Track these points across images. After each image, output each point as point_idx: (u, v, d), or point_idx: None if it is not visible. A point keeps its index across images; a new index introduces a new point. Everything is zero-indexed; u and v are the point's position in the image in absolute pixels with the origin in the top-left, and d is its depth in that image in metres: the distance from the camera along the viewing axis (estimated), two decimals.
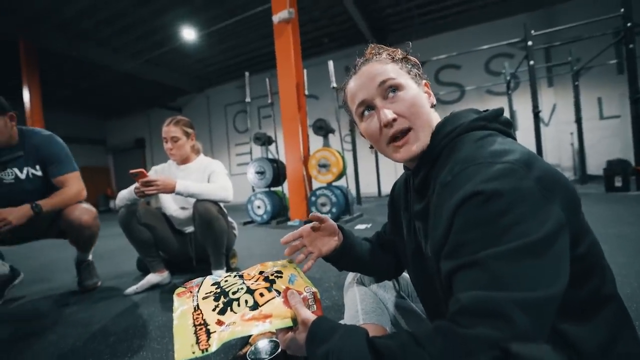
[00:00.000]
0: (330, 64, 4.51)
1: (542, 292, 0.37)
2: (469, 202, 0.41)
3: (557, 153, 7.05)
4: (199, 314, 0.58)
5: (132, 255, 2.29)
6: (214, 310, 0.58)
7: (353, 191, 5.52)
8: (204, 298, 0.62)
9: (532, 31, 4.55)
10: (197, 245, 1.87)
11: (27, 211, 1.46)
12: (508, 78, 6.24)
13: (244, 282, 0.64)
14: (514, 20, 6.95)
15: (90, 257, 1.87)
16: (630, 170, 4.25)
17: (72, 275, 1.89)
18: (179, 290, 0.67)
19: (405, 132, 0.55)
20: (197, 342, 0.52)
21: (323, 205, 4.12)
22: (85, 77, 9.04)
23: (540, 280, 0.37)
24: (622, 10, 4.07)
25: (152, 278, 1.73)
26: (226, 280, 0.67)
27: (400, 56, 0.61)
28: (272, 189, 4.84)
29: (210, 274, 1.70)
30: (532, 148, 4.24)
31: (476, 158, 0.44)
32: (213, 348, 0.51)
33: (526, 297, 0.36)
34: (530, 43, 4.47)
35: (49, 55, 7.49)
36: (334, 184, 4.32)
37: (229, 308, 0.58)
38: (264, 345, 0.83)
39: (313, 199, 4.19)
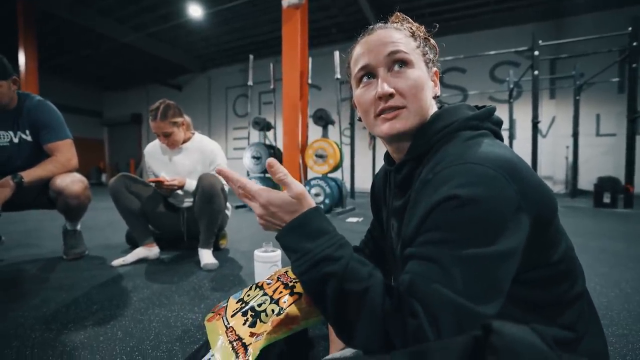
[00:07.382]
0: (336, 54, 4.46)
1: (481, 308, 0.37)
2: (445, 204, 0.41)
3: (551, 165, 7.14)
4: (232, 331, 0.64)
5: (121, 228, 2.28)
6: (244, 324, 0.64)
7: (348, 185, 5.53)
8: (232, 316, 0.69)
9: (540, 41, 4.55)
10: (189, 222, 1.88)
11: (8, 185, 1.40)
12: (511, 86, 6.25)
13: (265, 294, 0.70)
14: (523, 29, 6.92)
15: (78, 227, 1.85)
16: (619, 187, 4.33)
17: (58, 243, 1.87)
18: (209, 316, 0.74)
19: (398, 109, 0.52)
20: (237, 357, 0.58)
21: (317, 195, 4.13)
22: (85, 45, 8.80)
23: (482, 294, 0.38)
24: (630, 28, 4.09)
25: (139, 251, 1.73)
26: (248, 295, 0.73)
27: (422, 35, 0.57)
28: (267, 175, 4.82)
29: (197, 252, 1.71)
30: (528, 158, 4.28)
31: (460, 159, 0.43)
32: (251, 359, 0.57)
33: (462, 304, 0.37)
34: (536, 53, 4.48)
35: (48, 18, 7.27)
36: (330, 175, 4.33)
37: (258, 320, 0.63)
38: None
39: (307, 188, 4.19)
